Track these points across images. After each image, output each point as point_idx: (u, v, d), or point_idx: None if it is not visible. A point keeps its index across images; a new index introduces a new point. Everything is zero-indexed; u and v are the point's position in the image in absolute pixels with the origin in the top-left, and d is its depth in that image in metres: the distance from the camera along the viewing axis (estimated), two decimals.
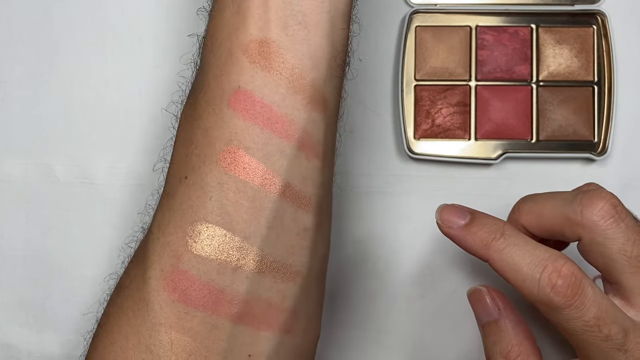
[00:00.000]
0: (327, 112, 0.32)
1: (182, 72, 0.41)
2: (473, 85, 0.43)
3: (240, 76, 0.30)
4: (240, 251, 0.29)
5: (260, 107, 0.30)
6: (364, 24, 0.43)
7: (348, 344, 0.43)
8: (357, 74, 0.42)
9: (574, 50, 0.43)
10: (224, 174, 0.29)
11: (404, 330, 0.43)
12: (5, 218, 0.44)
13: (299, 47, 0.30)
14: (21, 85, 0.44)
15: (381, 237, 0.43)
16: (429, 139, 0.43)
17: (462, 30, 0.43)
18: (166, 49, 0.43)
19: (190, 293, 0.29)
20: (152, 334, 0.29)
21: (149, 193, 0.39)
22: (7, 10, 0.44)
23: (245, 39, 0.30)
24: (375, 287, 0.43)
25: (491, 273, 0.43)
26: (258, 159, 0.29)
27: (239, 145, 0.29)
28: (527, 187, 0.43)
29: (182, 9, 0.44)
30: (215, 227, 0.29)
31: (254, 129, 0.30)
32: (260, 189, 0.29)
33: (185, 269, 0.29)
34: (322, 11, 0.30)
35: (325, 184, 0.32)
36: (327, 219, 0.33)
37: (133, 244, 0.33)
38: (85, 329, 0.37)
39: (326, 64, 0.31)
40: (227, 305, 0.29)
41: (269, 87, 0.30)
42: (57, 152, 0.44)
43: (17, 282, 0.43)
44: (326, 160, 0.32)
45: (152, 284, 0.29)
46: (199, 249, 0.29)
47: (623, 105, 0.43)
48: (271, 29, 0.30)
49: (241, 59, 0.30)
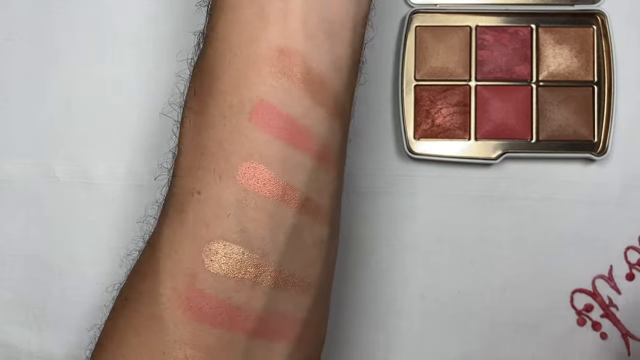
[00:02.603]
0: (344, 121, 0.31)
1: (181, 72, 0.40)
2: (473, 85, 0.43)
3: (262, 87, 0.28)
4: (257, 268, 0.28)
5: (284, 121, 0.28)
6: None
7: (348, 343, 0.43)
8: (366, 80, 0.42)
9: (574, 50, 0.43)
10: (243, 190, 0.28)
11: (405, 330, 0.43)
12: (5, 218, 0.44)
13: (324, 57, 0.29)
14: (21, 85, 0.44)
15: (381, 237, 0.43)
16: (429, 139, 0.43)
17: (462, 30, 0.43)
18: (166, 49, 0.43)
19: (207, 311, 0.28)
20: (166, 351, 0.28)
21: (148, 198, 0.38)
22: (7, 10, 0.44)
23: (269, 47, 0.28)
24: (375, 287, 0.43)
25: (491, 274, 0.43)
26: (278, 174, 0.28)
27: (260, 160, 0.28)
28: (527, 187, 0.43)
29: (182, 9, 0.44)
30: (232, 246, 0.28)
31: (275, 144, 0.28)
32: (280, 204, 0.28)
33: (201, 287, 0.28)
34: (348, 18, 0.29)
35: (339, 194, 0.32)
36: (337, 228, 0.33)
37: (135, 253, 0.33)
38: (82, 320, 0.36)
39: (347, 73, 0.30)
40: (244, 322, 0.29)
41: (293, 99, 0.28)
42: (57, 152, 0.44)
43: (17, 282, 0.43)
44: (340, 170, 0.31)
45: (165, 302, 0.29)
46: (216, 268, 0.28)
47: (623, 105, 0.43)
48: (296, 38, 0.28)
49: (263, 69, 0.28)
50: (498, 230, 0.43)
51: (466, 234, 0.43)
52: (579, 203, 0.43)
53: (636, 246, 0.42)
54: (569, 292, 0.42)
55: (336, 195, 0.31)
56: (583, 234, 0.42)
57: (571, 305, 0.42)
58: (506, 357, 0.42)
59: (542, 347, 0.42)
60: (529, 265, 0.42)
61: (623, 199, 0.43)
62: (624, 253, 0.42)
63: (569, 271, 0.42)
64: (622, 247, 0.42)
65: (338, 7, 0.29)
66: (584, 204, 0.43)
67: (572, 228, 0.42)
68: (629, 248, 0.42)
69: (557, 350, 0.42)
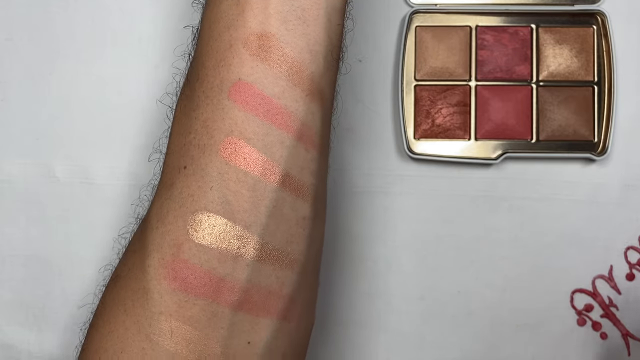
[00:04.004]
0: (324, 104, 0.32)
1: (175, 62, 0.41)
2: (473, 85, 0.43)
3: (240, 68, 0.30)
4: (241, 240, 0.30)
5: (261, 99, 0.30)
6: (364, 24, 0.43)
7: (348, 343, 0.43)
8: (351, 69, 0.42)
9: (574, 50, 0.43)
10: (225, 164, 0.30)
11: (404, 330, 0.43)
12: (5, 218, 0.44)
13: (298, 41, 0.31)
14: (21, 85, 0.44)
15: (381, 237, 0.43)
16: (429, 139, 0.43)
17: (462, 30, 0.43)
18: (166, 49, 0.43)
19: (191, 281, 0.29)
20: (152, 323, 0.29)
21: (150, 199, 0.39)
22: (7, 10, 0.44)
23: (245, 32, 0.30)
24: (375, 286, 0.43)
25: (491, 274, 0.43)
26: (258, 150, 0.30)
27: (240, 136, 0.30)
28: (527, 187, 0.43)
29: (182, 10, 0.44)
30: (216, 217, 0.29)
31: (254, 120, 0.30)
32: (260, 178, 0.30)
33: (186, 257, 0.29)
34: (320, 7, 0.31)
35: (322, 174, 0.33)
36: (322, 208, 0.34)
37: (127, 235, 0.34)
38: (82, 321, 0.36)
39: (323, 58, 0.32)
40: (228, 293, 0.29)
41: (269, 79, 0.30)
42: (57, 152, 0.44)
43: (17, 282, 0.43)
44: (322, 151, 0.33)
45: (152, 272, 0.30)
46: (200, 238, 0.29)
47: (623, 105, 0.43)
48: (271, 22, 0.30)
49: (241, 51, 0.30)
50: (498, 230, 0.43)
51: (466, 234, 0.43)
52: (579, 203, 0.43)
53: (636, 246, 0.42)
54: (569, 292, 0.42)
55: (318, 175, 0.32)
56: (583, 234, 0.42)
57: (571, 305, 0.42)
58: (506, 357, 0.42)
59: (542, 347, 0.42)
60: (529, 265, 0.42)
61: (623, 199, 0.43)
62: (624, 253, 0.42)
63: (569, 271, 0.42)
64: (622, 247, 0.42)
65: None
66: (584, 204, 0.43)
67: (572, 228, 0.42)
68: (629, 248, 0.42)
69: (557, 350, 0.42)
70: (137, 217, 0.34)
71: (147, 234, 0.31)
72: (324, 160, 0.33)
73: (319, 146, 0.32)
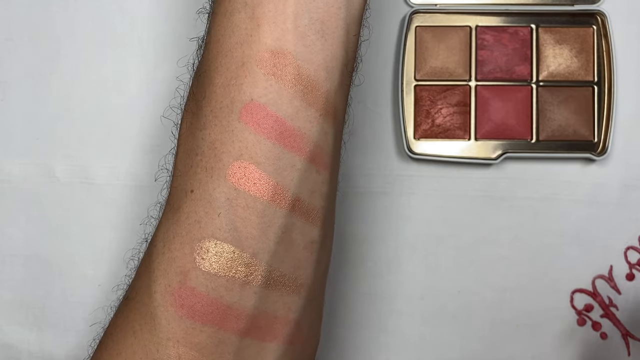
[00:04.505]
0: (337, 122, 0.31)
1: (181, 76, 0.41)
2: (473, 85, 0.43)
3: (253, 88, 0.28)
4: (248, 267, 0.29)
5: (274, 121, 0.28)
6: (363, 24, 0.43)
7: (348, 344, 0.43)
8: (364, 80, 0.42)
9: (574, 50, 0.43)
10: (234, 189, 0.28)
11: (404, 330, 0.43)
12: (5, 218, 0.44)
13: (316, 57, 0.29)
14: (21, 85, 0.44)
15: (381, 237, 0.43)
16: (429, 139, 0.43)
17: (462, 30, 0.43)
18: (166, 49, 0.43)
19: (198, 309, 0.29)
20: (159, 349, 0.29)
21: (148, 198, 0.39)
22: (7, 10, 0.44)
23: (260, 49, 0.28)
24: (375, 287, 0.43)
25: (491, 274, 0.43)
26: (269, 174, 0.29)
27: (250, 160, 0.28)
28: (527, 187, 0.43)
29: (183, 10, 0.44)
30: (223, 244, 0.29)
31: (265, 144, 0.28)
32: (270, 204, 0.29)
33: (192, 285, 0.29)
34: (339, 18, 0.29)
35: (331, 195, 0.32)
36: (330, 230, 0.33)
37: (138, 255, 0.33)
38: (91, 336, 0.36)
39: (339, 74, 0.30)
40: (235, 321, 0.29)
41: (283, 100, 0.29)
42: (57, 152, 0.44)
43: (17, 282, 0.43)
44: (333, 171, 0.32)
45: (158, 299, 0.29)
46: (207, 266, 0.28)
47: (623, 105, 0.43)
48: (288, 38, 0.28)
49: (254, 70, 0.28)
50: (498, 230, 0.43)
51: (466, 234, 0.43)
52: (579, 203, 0.43)
53: (636, 246, 0.42)
54: (569, 292, 0.42)
55: (329, 197, 0.31)
56: (583, 234, 0.42)
57: (571, 305, 0.42)
58: (506, 357, 0.42)
59: (542, 347, 0.42)
60: (529, 265, 0.42)
61: (623, 199, 0.43)
62: (624, 253, 0.42)
63: (569, 271, 0.42)
64: (622, 247, 0.42)
65: (329, 8, 0.29)
66: (584, 204, 0.43)
67: (572, 228, 0.42)
68: (629, 248, 0.42)
69: (557, 350, 0.42)
70: (145, 237, 0.33)
71: (154, 259, 0.30)
72: (335, 180, 0.32)
73: (330, 166, 0.31)
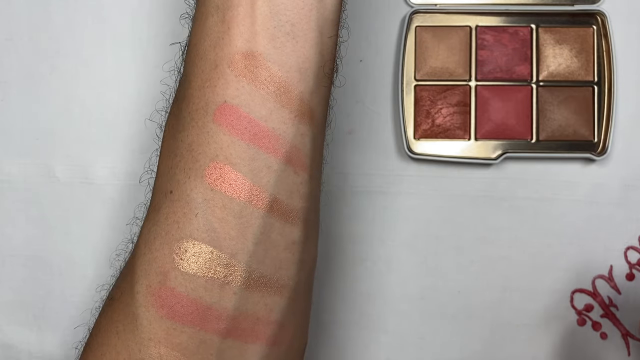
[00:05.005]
0: (314, 124, 0.31)
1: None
2: (473, 85, 0.43)
3: (225, 90, 0.29)
4: (227, 268, 0.29)
5: (247, 123, 0.29)
6: (364, 24, 0.43)
7: (348, 344, 0.43)
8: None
9: (574, 50, 0.43)
10: (210, 190, 0.29)
11: (404, 330, 0.43)
12: (5, 218, 0.44)
13: (287, 59, 0.29)
14: (21, 85, 0.44)
15: (381, 237, 0.43)
16: (429, 139, 0.43)
17: (462, 30, 0.43)
18: (166, 49, 0.43)
19: (178, 310, 0.29)
20: (141, 349, 0.29)
21: (137, 204, 0.39)
22: (7, 10, 0.44)
23: (231, 51, 0.29)
24: (375, 287, 0.43)
25: (491, 274, 0.43)
26: (244, 175, 0.29)
27: (225, 161, 0.29)
28: (527, 187, 0.43)
29: (182, 10, 0.44)
30: (201, 245, 0.29)
31: (240, 145, 0.29)
32: (247, 205, 0.29)
33: (172, 285, 0.29)
34: (310, 20, 0.29)
35: (312, 196, 0.32)
36: (314, 230, 0.33)
37: (124, 255, 0.33)
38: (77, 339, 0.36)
39: (314, 75, 0.30)
40: (215, 321, 0.29)
41: (256, 101, 0.29)
42: (57, 152, 0.44)
43: (17, 282, 0.43)
44: (313, 172, 0.32)
45: (140, 299, 0.29)
46: (186, 267, 0.29)
47: (623, 105, 0.43)
48: (258, 40, 0.29)
49: (226, 72, 0.29)
50: (498, 230, 0.43)
51: (466, 234, 0.43)
52: (579, 203, 0.43)
53: (636, 246, 0.42)
54: (569, 292, 0.42)
55: (309, 198, 0.31)
56: (583, 234, 0.42)
57: (571, 305, 0.42)
58: (506, 357, 0.42)
59: (542, 347, 0.42)
60: (529, 265, 0.42)
61: (623, 199, 0.43)
62: (624, 253, 0.42)
63: (569, 271, 0.42)
64: (622, 247, 0.42)
65: (299, 10, 0.29)
66: (584, 204, 0.43)
67: (572, 228, 0.43)
68: (629, 248, 0.42)
69: (557, 350, 0.42)
70: (132, 239, 0.33)
71: (136, 260, 0.30)
72: (316, 182, 0.32)
73: (309, 168, 0.31)
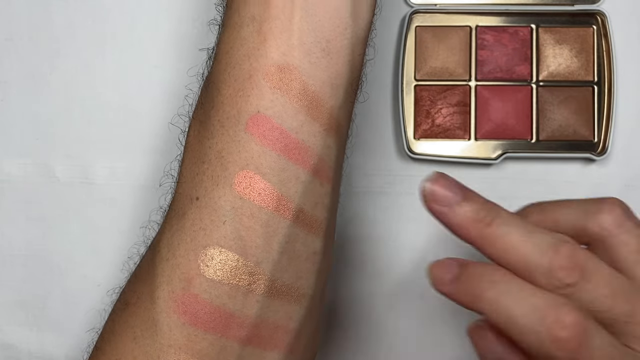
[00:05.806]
0: (340, 137, 0.32)
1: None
2: (473, 85, 0.43)
3: (259, 100, 0.29)
4: (252, 276, 0.29)
5: (279, 134, 0.29)
6: None
7: (348, 343, 0.43)
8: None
9: (574, 50, 0.43)
10: (239, 198, 0.29)
11: (404, 330, 0.43)
12: (5, 218, 0.44)
13: (321, 74, 0.30)
14: (21, 85, 0.44)
15: (381, 237, 0.43)
16: (429, 139, 0.43)
17: (462, 30, 0.43)
18: (166, 49, 0.43)
19: (201, 316, 0.29)
20: (160, 355, 0.29)
21: (148, 199, 0.39)
22: (7, 10, 0.44)
23: (266, 63, 0.29)
24: (375, 287, 0.43)
25: None
26: (273, 185, 0.29)
27: (255, 170, 0.29)
28: (527, 187, 0.43)
29: (183, 10, 0.44)
30: (228, 252, 0.29)
31: (270, 155, 0.29)
32: (274, 214, 0.29)
33: (196, 292, 0.29)
34: (345, 38, 0.30)
35: (333, 208, 0.33)
36: (331, 242, 0.33)
37: (136, 257, 0.33)
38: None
39: (344, 91, 0.31)
40: (237, 329, 0.29)
41: (288, 113, 0.29)
42: (57, 152, 0.44)
43: (17, 282, 0.43)
44: (335, 184, 0.32)
45: (161, 304, 0.29)
46: (211, 274, 0.29)
47: (623, 105, 0.43)
48: (294, 54, 0.29)
49: (261, 83, 0.29)
50: None
51: None
52: None
53: None
54: None
55: (331, 209, 0.32)
56: None
57: None
58: None
59: None
60: None
61: (623, 199, 0.43)
62: None
63: None
64: None
65: (335, 27, 0.30)
66: None
67: None
68: None
69: None
70: (145, 240, 0.33)
71: (157, 264, 0.30)
72: (337, 193, 0.33)
73: (332, 180, 0.32)
